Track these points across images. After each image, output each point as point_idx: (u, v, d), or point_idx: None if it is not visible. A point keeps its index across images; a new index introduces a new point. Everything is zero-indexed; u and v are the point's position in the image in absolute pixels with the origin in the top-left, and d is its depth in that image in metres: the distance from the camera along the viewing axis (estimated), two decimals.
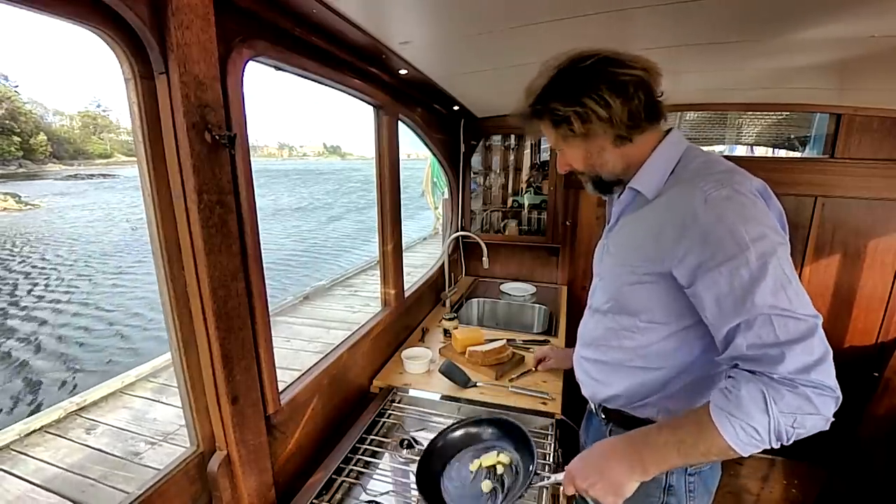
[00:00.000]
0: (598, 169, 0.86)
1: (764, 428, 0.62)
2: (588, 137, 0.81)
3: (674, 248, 0.73)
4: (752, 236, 0.65)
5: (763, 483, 2.24)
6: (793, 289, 0.64)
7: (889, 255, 2.05)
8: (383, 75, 1.37)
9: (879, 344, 2.14)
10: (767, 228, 0.67)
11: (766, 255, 0.64)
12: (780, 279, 0.64)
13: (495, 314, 2.42)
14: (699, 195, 0.71)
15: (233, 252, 0.81)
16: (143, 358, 3.93)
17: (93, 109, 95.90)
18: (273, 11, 0.88)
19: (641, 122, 0.79)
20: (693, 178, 0.76)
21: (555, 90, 0.79)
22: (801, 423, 0.61)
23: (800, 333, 0.62)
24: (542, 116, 0.83)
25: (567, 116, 0.78)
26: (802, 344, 0.61)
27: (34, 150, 57.73)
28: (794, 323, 0.62)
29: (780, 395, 0.61)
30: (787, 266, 0.66)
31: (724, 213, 0.68)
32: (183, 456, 0.83)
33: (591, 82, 0.76)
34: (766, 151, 2.55)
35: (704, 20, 1.00)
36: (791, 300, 0.63)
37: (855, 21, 0.97)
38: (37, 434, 2.74)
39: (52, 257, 11.70)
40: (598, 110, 0.75)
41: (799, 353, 0.61)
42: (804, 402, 0.60)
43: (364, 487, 1.07)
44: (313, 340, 4.25)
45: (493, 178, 2.69)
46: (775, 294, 0.63)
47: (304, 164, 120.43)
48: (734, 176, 0.73)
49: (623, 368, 0.91)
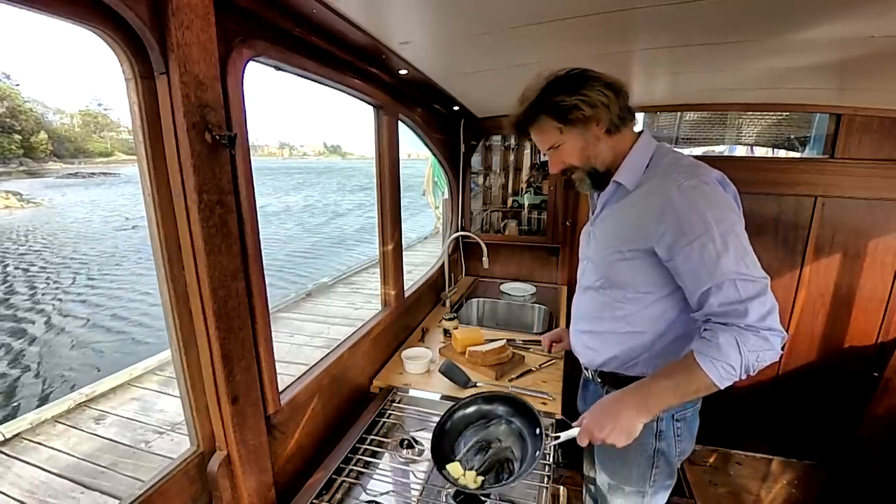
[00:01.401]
0: (593, 160, 0.98)
1: (738, 365, 0.79)
2: (588, 125, 0.93)
3: (654, 228, 0.88)
4: (716, 218, 0.82)
5: (763, 483, 2.24)
6: (749, 257, 0.82)
7: (889, 256, 2.05)
8: (383, 75, 1.37)
9: (879, 344, 2.14)
10: (727, 211, 0.84)
11: (726, 233, 0.81)
12: (739, 250, 0.81)
13: (495, 314, 2.42)
14: (673, 185, 0.86)
15: (233, 252, 0.81)
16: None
17: (93, 108, 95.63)
18: (273, 11, 0.88)
19: (626, 115, 0.95)
20: (666, 171, 0.91)
21: (556, 88, 0.91)
22: (762, 358, 0.79)
23: (756, 291, 0.79)
24: (546, 110, 0.93)
25: (575, 104, 0.89)
26: (759, 299, 0.79)
27: (35, 149, 57.43)
28: (752, 284, 0.80)
29: (747, 339, 0.78)
30: (743, 239, 0.83)
31: (694, 200, 0.84)
32: (183, 456, 0.83)
33: (586, 81, 0.91)
34: (767, 152, 2.55)
35: (704, 20, 1.00)
36: (748, 266, 0.81)
37: (855, 21, 0.97)
38: (47, 424, 2.81)
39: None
40: (599, 97, 0.89)
41: (757, 307, 0.78)
42: (763, 342, 0.79)
43: (364, 487, 1.07)
44: (315, 336, 4.32)
45: (493, 178, 2.69)
46: (737, 263, 0.80)
47: (304, 164, 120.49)
48: (698, 169, 0.89)
49: (616, 335, 1.04)
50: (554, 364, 1.61)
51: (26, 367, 5.53)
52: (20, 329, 6.78)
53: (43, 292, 8.67)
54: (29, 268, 10.53)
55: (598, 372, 1.11)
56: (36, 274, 9.94)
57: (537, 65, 1.30)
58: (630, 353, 1.03)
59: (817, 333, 2.22)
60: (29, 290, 8.83)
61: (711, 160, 2.45)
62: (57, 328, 6.82)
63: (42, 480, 2.31)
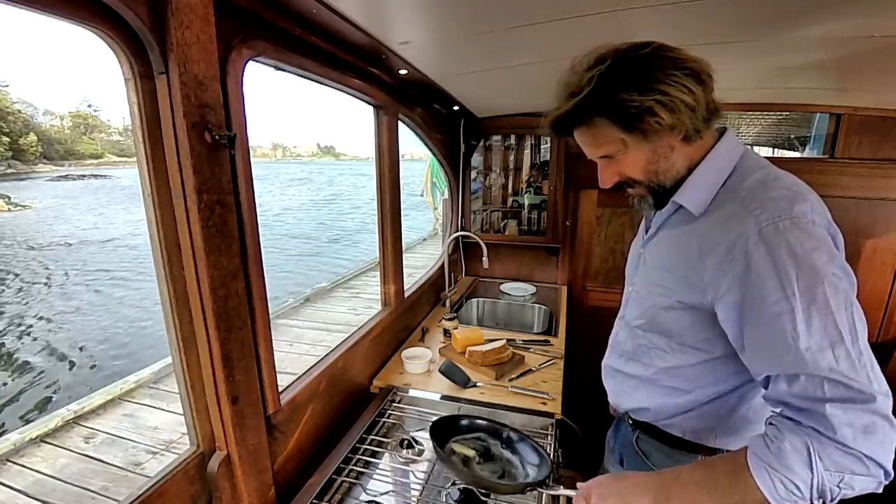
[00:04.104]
0: (661, 175, 0.74)
1: (806, 484, 0.56)
2: (660, 135, 0.69)
3: (714, 280, 0.68)
4: (807, 281, 0.59)
5: None
6: (854, 346, 0.57)
7: (889, 255, 2.05)
8: (383, 75, 1.37)
9: (879, 344, 2.14)
10: (831, 267, 0.60)
11: (823, 303, 0.58)
12: (833, 333, 0.58)
13: (495, 314, 2.42)
14: (752, 225, 0.63)
15: (233, 252, 0.81)
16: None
17: (84, 109, 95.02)
18: (273, 11, 0.88)
19: (713, 115, 0.70)
20: (747, 199, 0.67)
21: (622, 79, 0.65)
22: (848, 483, 0.56)
23: (849, 396, 0.56)
24: (606, 112, 0.67)
25: (649, 107, 0.64)
26: (854, 410, 0.56)
27: (24, 151, 56.89)
28: (845, 390, 0.56)
29: (826, 451, 0.56)
30: (847, 315, 0.59)
31: (777, 251, 0.60)
32: (183, 456, 0.83)
33: (664, 69, 0.64)
34: (766, 151, 2.55)
35: (704, 20, 0.99)
36: (847, 360, 0.57)
37: (855, 21, 0.97)
38: (33, 444, 2.67)
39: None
40: (683, 97, 0.64)
41: (850, 417, 0.56)
42: (855, 462, 0.55)
43: (364, 487, 1.07)
44: (316, 344, 4.21)
45: (493, 178, 2.69)
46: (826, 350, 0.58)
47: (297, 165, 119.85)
48: (795, 203, 0.63)
49: (653, 385, 0.87)
50: (554, 364, 1.61)
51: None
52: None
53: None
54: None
55: (628, 415, 0.95)
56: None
57: (537, 65, 1.31)
58: (666, 408, 0.85)
59: None
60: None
61: None
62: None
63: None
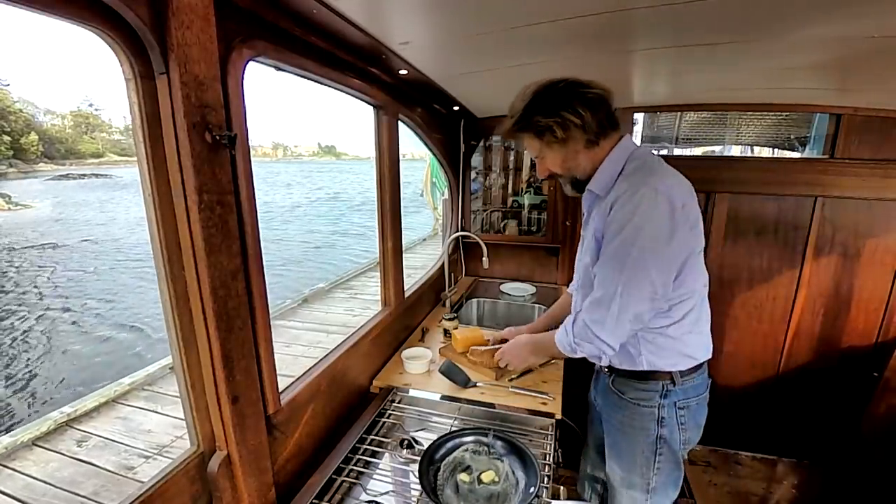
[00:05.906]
0: (573, 171, 1.07)
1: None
2: (566, 143, 1.01)
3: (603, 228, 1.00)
4: (634, 224, 0.92)
5: (764, 483, 2.24)
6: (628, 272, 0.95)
7: (888, 255, 2.05)
8: (383, 75, 1.37)
9: (879, 344, 2.14)
10: (648, 223, 0.92)
11: (627, 245, 0.93)
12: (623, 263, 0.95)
13: (495, 314, 2.42)
14: (625, 189, 0.96)
15: (233, 252, 0.81)
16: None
17: (85, 109, 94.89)
18: (273, 11, 0.88)
19: (606, 128, 1.01)
20: (628, 177, 1.00)
21: (536, 107, 0.99)
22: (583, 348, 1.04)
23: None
24: (526, 129, 1.02)
25: (549, 125, 0.98)
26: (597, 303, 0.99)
27: (25, 150, 56.87)
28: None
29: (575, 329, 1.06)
30: (643, 255, 0.93)
31: (625, 206, 0.94)
32: (183, 456, 0.83)
33: (566, 99, 0.97)
34: (766, 151, 2.55)
35: (704, 20, 1.00)
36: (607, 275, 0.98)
37: (855, 21, 0.97)
38: (25, 448, 2.64)
39: None
40: (573, 119, 0.97)
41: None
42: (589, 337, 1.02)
43: (364, 487, 1.07)
44: (313, 346, 4.19)
45: (493, 178, 2.69)
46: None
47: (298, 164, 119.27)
48: (652, 176, 0.96)
49: None
50: (554, 364, 1.61)
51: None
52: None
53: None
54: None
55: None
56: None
57: (537, 65, 1.31)
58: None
59: (817, 333, 2.22)
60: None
61: (712, 160, 2.46)
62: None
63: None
